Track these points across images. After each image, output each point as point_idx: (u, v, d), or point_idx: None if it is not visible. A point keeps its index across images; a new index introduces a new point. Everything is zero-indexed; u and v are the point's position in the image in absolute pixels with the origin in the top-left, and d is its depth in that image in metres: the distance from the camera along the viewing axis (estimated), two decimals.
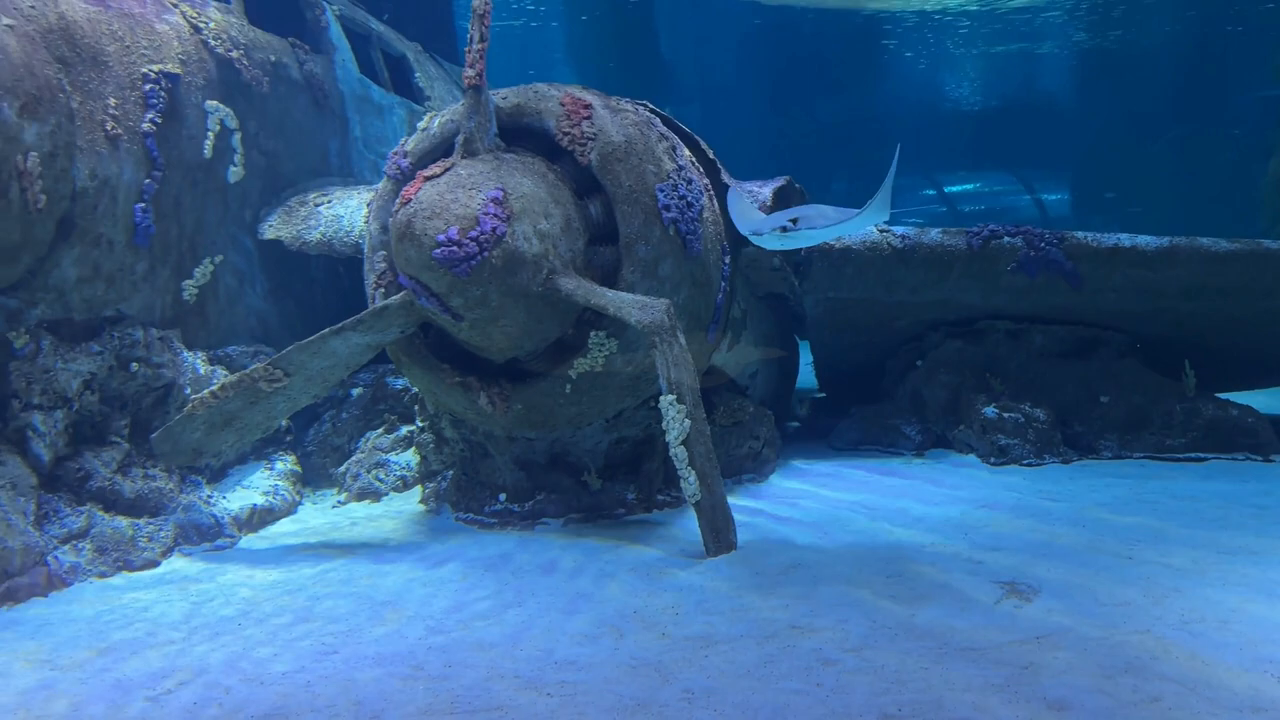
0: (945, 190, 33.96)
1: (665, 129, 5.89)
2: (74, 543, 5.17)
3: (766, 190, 6.69)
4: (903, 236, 7.16)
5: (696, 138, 6.17)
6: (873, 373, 8.13)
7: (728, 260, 6.06)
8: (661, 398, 5.21)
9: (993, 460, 7.20)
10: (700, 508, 5.20)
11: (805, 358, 8.78)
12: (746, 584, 4.72)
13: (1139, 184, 27.67)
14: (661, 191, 5.47)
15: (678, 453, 5.20)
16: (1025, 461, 7.12)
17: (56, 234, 5.37)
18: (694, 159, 5.99)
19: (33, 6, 5.38)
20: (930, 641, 3.96)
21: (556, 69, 29.49)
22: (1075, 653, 3.77)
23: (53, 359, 5.35)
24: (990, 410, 7.32)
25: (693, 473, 5.19)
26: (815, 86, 30.78)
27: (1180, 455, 7.08)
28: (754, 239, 4.95)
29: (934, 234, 7.21)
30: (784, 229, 4.74)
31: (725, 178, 6.22)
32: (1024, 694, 3.44)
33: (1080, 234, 7.11)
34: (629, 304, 5.18)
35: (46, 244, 5.31)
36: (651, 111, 6.02)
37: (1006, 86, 33.56)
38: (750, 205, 5.23)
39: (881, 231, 7.16)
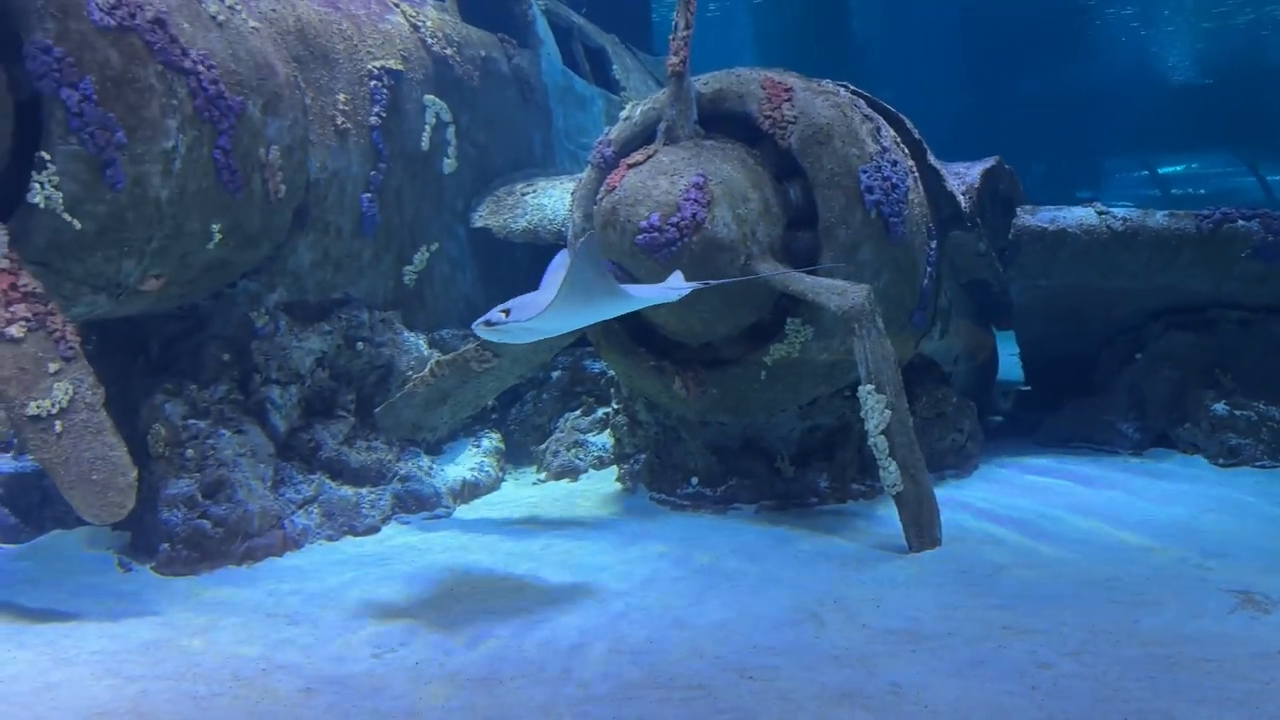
0: (1158, 172, 31.65)
1: (869, 110, 5.76)
2: (305, 508, 5.60)
3: (974, 172, 6.44)
4: (1124, 219, 6.75)
5: (902, 117, 6.00)
6: (1084, 365, 7.70)
7: (934, 245, 5.87)
8: (860, 386, 5.12)
9: (1221, 461, 6.71)
10: (902, 499, 5.07)
11: (1005, 349, 8.41)
12: (953, 581, 4.58)
13: None
14: (864, 174, 5.36)
15: (877, 442, 5.09)
16: (1258, 463, 6.61)
17: (293, 222, 5.80)
18: (899, 140, 5.83)
19: (274, 10, 5.82)
20: (1157, 649, 3.73)
21: (743, 53, 29.37)
22: None
23: (288, 338, 5.80)
24: (1220, 407, 6.82)
25: (893, 463, 5.07)
26: (1015, 63, 29.33)
27: None
28: (475, 329, 4.28)
29: (1159, 216, 6.77)
30: (489, 323, 4.11)
31: (931, 159, 6.03)
32: (1267, 710, 3.19)
33: None
34: (827, 289, 5.12)
35: (284, 231, 5.75)
36: (853, 93, 5.90)
37: (1229, 59, 30.86)
38: (554, 275, 4.46)
39: (1100, 214, 6.78)
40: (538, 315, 4.05)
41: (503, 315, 4.09)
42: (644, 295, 4.74)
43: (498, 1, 8.53)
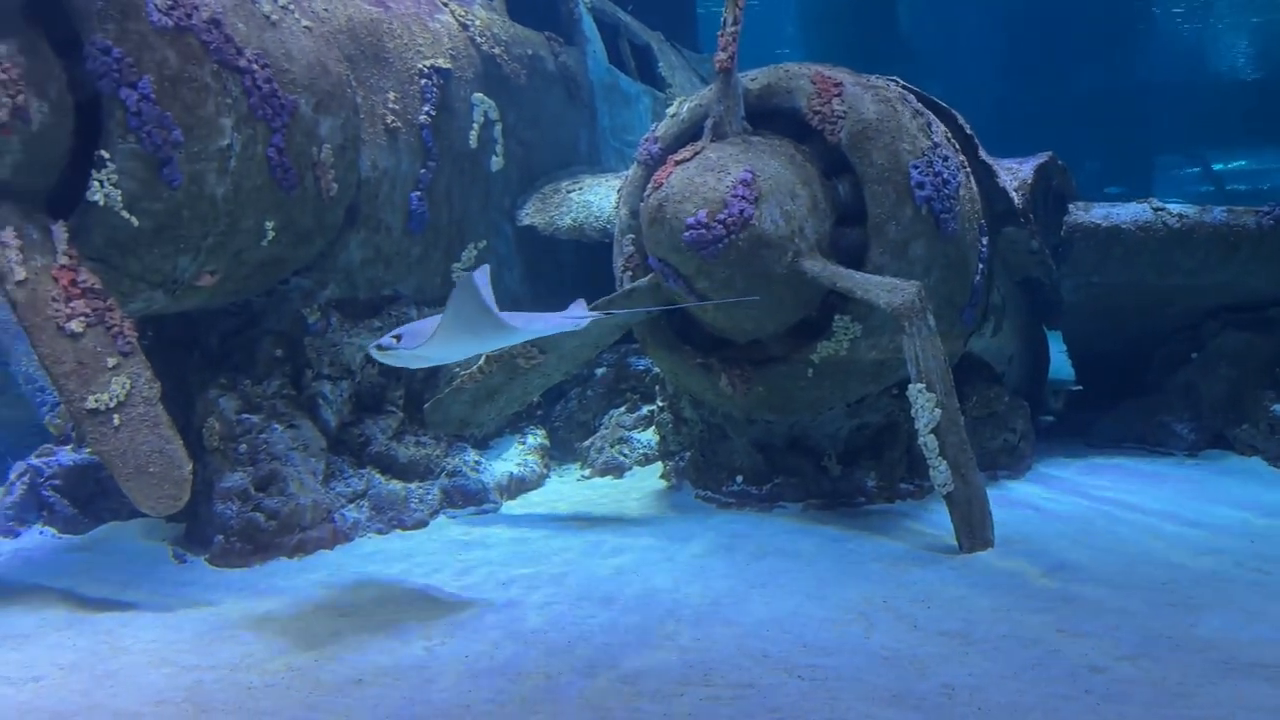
0: (1212, 168, 30.95)
1: (920, 105, 5.69)
2: (356, 502, 5.67)
3: (1027, 168, 6.35)
4: (1180, 215, 6.63)
5: (953, 112, 5.93)
6: (1136, 364, 7.58)
7: (986, 241, 5.79)
8: (910, 385, 5.07)
9: None
10: (953, 499, 5.01)
11: (1055, 348, 8.30)
12: (1005, 583, 4.52)
13: None
14: (915, 169, 5.30)
15: (927, 441, 5.03)
16: None
17: (344, 220, 5.86)
18: (950, 135, 5.76)
19: (325, 9, 5.88)
20: (1214, 654, 3.66)
21: (786, 45, 29.16)
22: None
23: (340, 334, 5.88)
24: None
25: (943, 462, 5.01)
26: (1064, 58, 28.84)
27: None
28: (369, 351, 4.33)
29: (1217, 212, 6.65)
30: (381, 347, 4.15)
31: (983, 155, 5.95)
32: None
33: None
34: (877, 286, 5.07)
35: (336, 229, 5.81)
36: (904, 88, 5.84)
37: None
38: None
39: (1156, 210, 6.66)
40: (423, 345, 4.07)
41: (394, 341, 4.11)
42: (536, 328, 4.67)
43: (544, 1, 8.56)
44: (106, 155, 4.50)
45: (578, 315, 4.77)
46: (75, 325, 4.43)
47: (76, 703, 3.56)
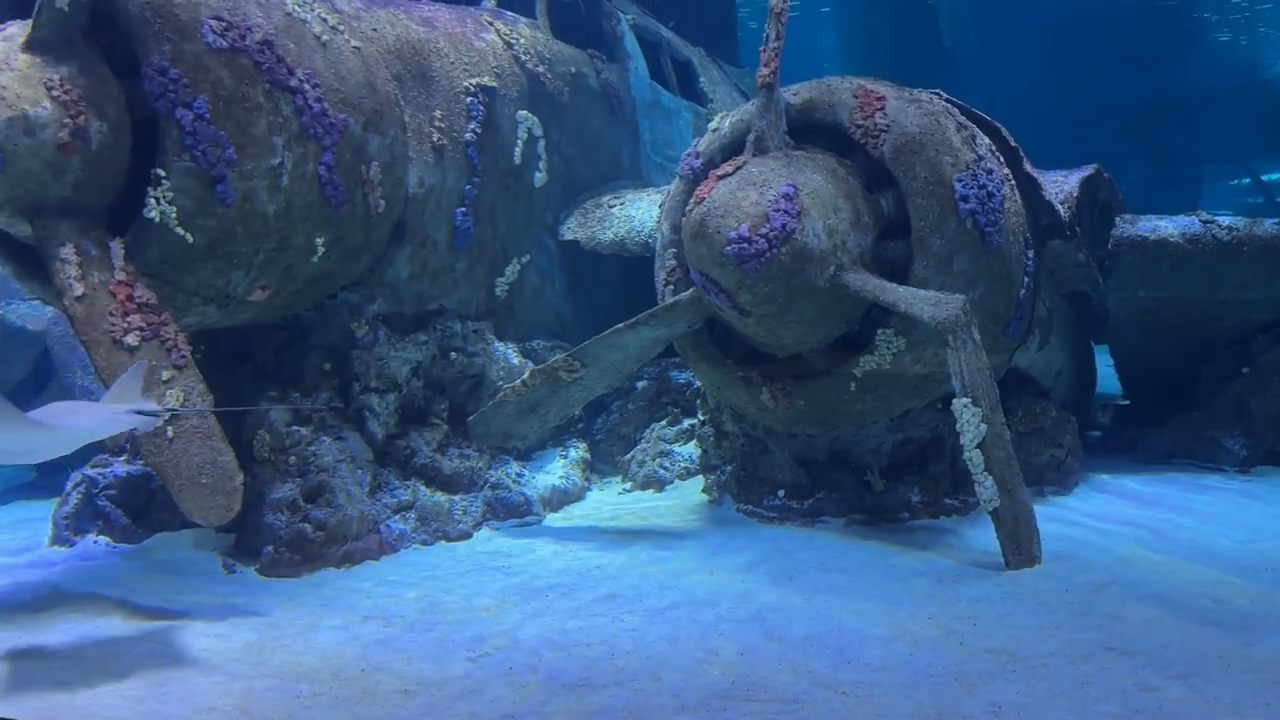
0: (1262, 179, 30.40)
1: (963, 118, 5.67)
2: (402, 513, 5.73)
3: (1072, 180, 6.29)
4: (1229, 227, 6.54)
5: (997, 125, 5.90)
6: (1185, 379, 7.47)
7: (1031, 254, 5.74)
8: (955, 400, 5.03)
9: None
10: (999, 516, 4.97)
11: (1101, 362, 8.19)
12: (1052, 600, 4.47)
13: None
14: (960, 182, 5.28)
15: (972, 457, 5.00)
16: None
17: (391, 236, 5.96)
18: (994, 148, 5.73)
19: (374, 29, 6.00)
20: (1269, 675, 3.59)
21: (825, 57, 29.14)
22: None
23: (386, 348, 5.95)
24: None
25: (989, 478, 4.97)
26: (1108, 69, 28.54)
27: None
28: None
29: (1269, 224, 6.55)
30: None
31: (1028, 167, 5.91)
32: None
33: None
34: (921, 300, 5.04)
35: (384, 244, 5.91)
36: (947, 101, 5.82)
37: None
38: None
39: (1205, 222, 6.57)
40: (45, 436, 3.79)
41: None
42: (82, 424, 4.08)
43: (588, 18, 8.64)
44: (162, 173, 4.62)
45: (148, 409, 4.26)
46: (131, 339, 4.53)
47: (130, 710, 3.63)
